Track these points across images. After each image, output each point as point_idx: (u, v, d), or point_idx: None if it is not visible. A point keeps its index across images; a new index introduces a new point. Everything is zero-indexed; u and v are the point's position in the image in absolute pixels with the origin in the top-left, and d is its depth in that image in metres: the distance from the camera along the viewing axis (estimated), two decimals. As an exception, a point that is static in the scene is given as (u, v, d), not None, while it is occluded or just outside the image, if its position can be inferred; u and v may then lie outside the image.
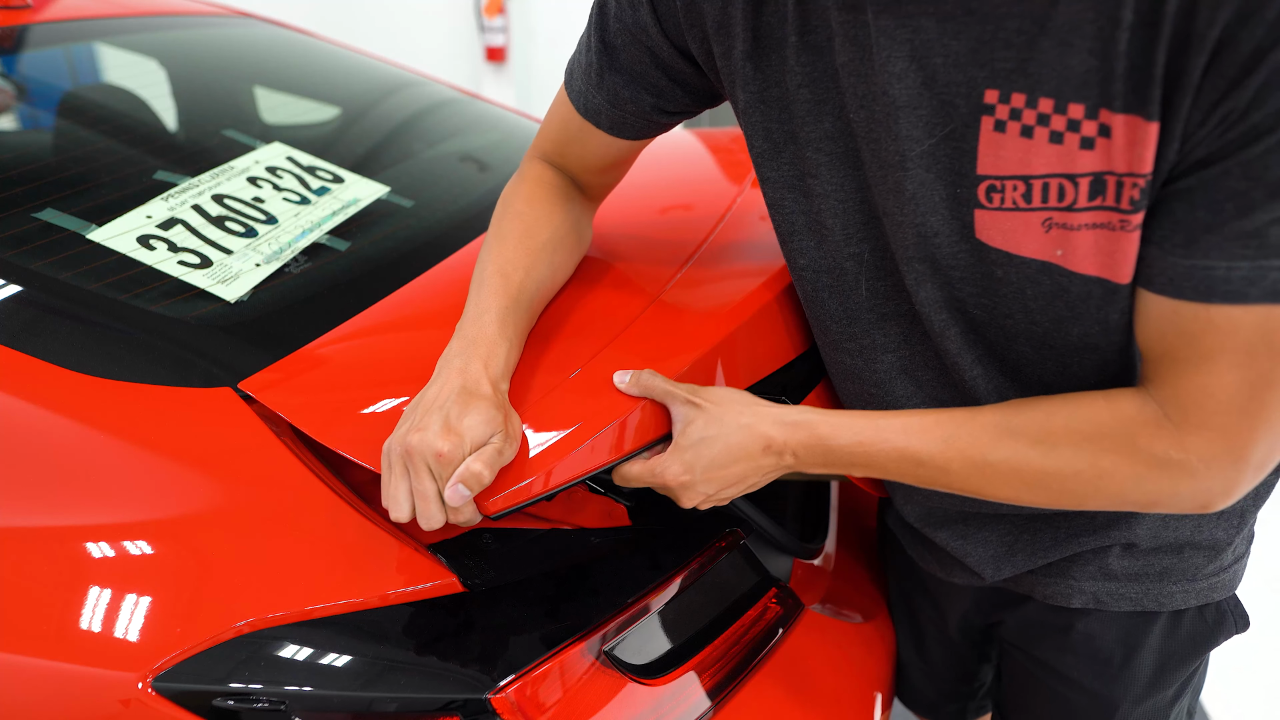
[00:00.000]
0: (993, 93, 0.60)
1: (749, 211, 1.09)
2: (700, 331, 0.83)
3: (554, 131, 0.90)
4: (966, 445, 0.68)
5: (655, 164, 1.37)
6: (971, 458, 0.68)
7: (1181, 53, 0.53)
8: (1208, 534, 0.81)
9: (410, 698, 0.67)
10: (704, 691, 0.79)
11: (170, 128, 1.33)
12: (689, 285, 0.91)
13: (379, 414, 0.76)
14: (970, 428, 0.69)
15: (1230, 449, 0.61)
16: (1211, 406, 0.60)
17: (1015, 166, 0.61)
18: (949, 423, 0.69)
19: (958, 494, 0.72)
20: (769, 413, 0.73)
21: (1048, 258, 0.64)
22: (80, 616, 0.70)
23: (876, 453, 0.70)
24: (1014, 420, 0.68)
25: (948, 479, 0.70)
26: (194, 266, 0.94)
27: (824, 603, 1.01)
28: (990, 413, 0.69)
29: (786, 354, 0.90)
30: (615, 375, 0.76)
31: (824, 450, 0.72)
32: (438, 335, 0.77)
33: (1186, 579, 0.82)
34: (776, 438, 0.72)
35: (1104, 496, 0.66)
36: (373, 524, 0.73)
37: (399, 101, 1.56)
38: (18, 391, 0.78)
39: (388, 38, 4.33)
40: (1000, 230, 0.64)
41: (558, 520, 0.83)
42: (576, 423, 0.73)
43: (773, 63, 0.72)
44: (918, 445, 0.69)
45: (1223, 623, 0.85)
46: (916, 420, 0.70)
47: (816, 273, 0.79)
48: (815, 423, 0.72)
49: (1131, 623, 0.85)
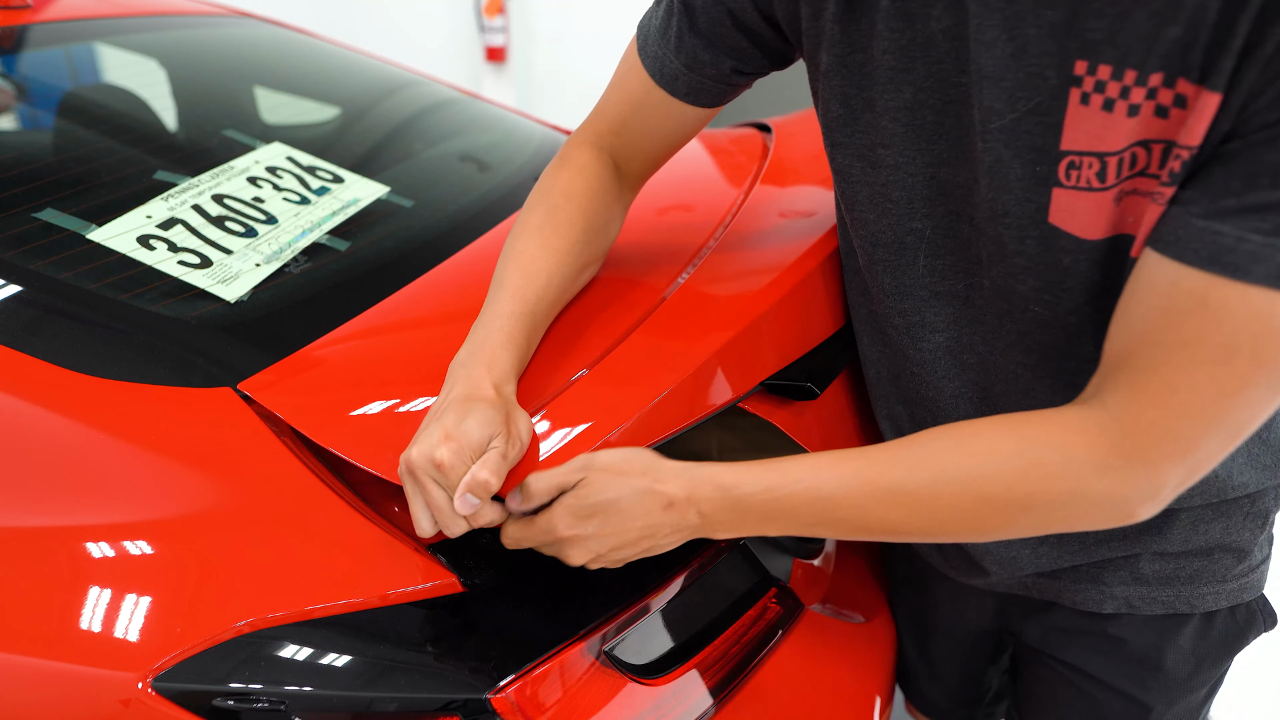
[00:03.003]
0: (1082, 64, 0.58)
1: (759, 208, 1.08)
2: (718, 322, 0.83)
3: (616, 107, 0.87)
4: (880, 476, 0.65)
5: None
6: (887, 488, 0.64)
7: (1266, 21, 0.51)
8: (1235, 536, 0.81)
9: (410, 698, 0.67)
10: (704, 691, 0.79)
11: (170, 128, 1.33)
12: (703, 279, 0.91)
13: (379, 415, 0.76)
14: (883, 457, 0.66)
15: (1175, 450, 0.58)
16: (1169, 402, 0.57)
17: (1093, 142, 0.60)
18: (859, 457, 0.66)
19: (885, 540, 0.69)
20: (669, 468, 0.69)
21: (1121, 230, 0.61)
22: (80, 616, 0.70)
23: (786, 497, 0.66)
24: (929, 446, 0.65)
25: (866, 519, 0.66)
26: (194, 266, 0.94)
27: (824, 603, 1.01)
28: (904, 441, 0.67)
29: (806, 343, 0.90)
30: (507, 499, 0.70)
31: (730, 502, 0.67)
32: (438, 336, 0.77)
33: (1217, 580, 0.82)
34: (678, 494, 0.67)
35: (1033, 516, 0.63)
36: (373, 524, 0.73)
37: (399, 101, 1.56)
38: (18, 391, 0.78)
39: (388, 38, 4.32)
40: (1073, 212, 0.62)
41: (558, 520, 0.83)
42: (590, 420, 0.73)
43: (861, 27, 0.71)
44: (829, 483, 0.66)
45: (1253, 621, 0.85)
46: (825, 458, 0.67)
47: (874, 245, 0.78)
48: (718, 474, 0.68)
49: (1164, 625, 0.84)
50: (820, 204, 1.05)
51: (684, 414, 0.76)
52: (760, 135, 1.40)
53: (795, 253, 0.92)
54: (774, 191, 1.12)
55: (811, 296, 0.91)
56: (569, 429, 0.73)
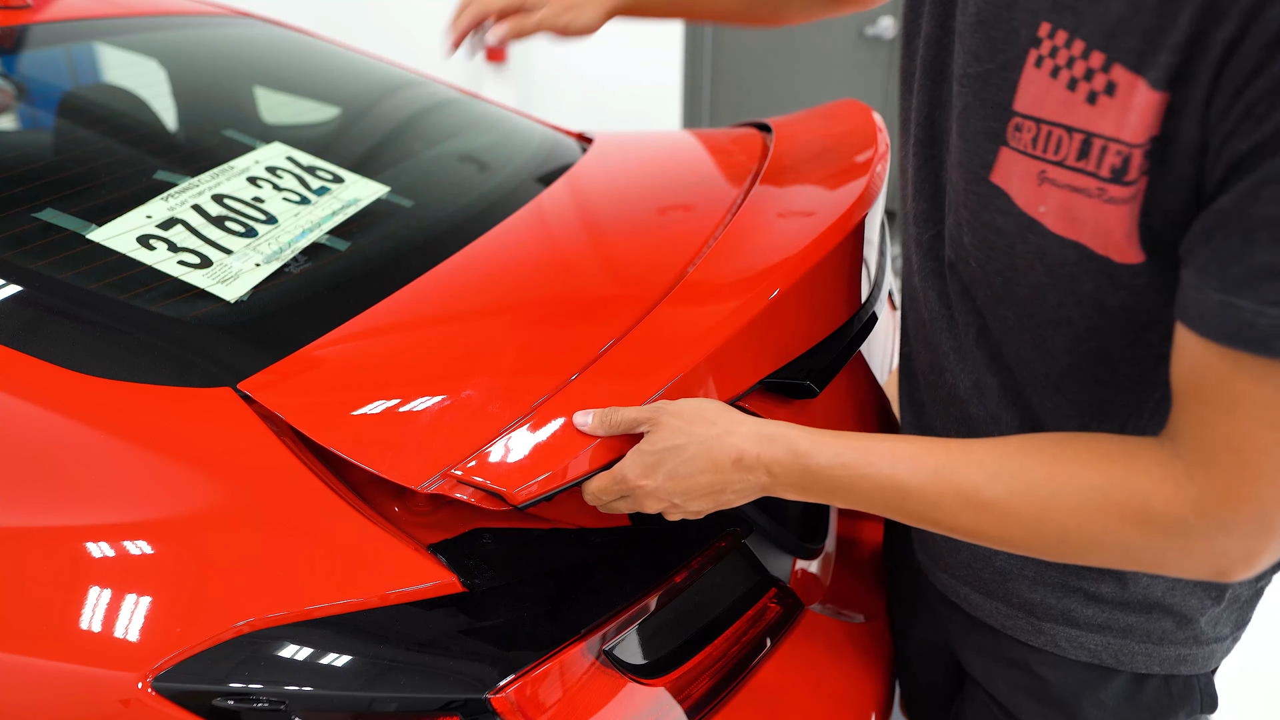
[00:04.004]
0: (1046, 25, 0.58)
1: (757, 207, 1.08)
2: (718, 319, 0.83)
3: None
4: (959, 479, 0.63)
5: (660, 163, 1.37)
6: (964, 492, 0.62)
7: (1206, 20, 0.49)
8: (1179, 600, 0.75)
9: (410, 698, 0.67)
10: (704, 691, 0.79)
11: (170, 128, 1.33)
12: (702, 277, 0.91)
13: (379, 414, 0.76)
14: (965, 459, 0.63)
15: (1255, 514, 0.54)
16: (1236, 463, 0.53)
17: (1035, 108, 0.59)
18: (941, 453, 0.64)
19: (945, 533, 0.67)
20: (743, 424, 0.68)
21: (1032, 213, 0.61)
22: (80, 616, 0.70)
23: (860, 478, 0.65)
24: (1014, 458, 0.62)
25: (935, 515, 0.64)
26: (194, 266, 0.94)
27: (824, 603, 1.01)
28: (989, 446, 0.64)
29: (806, 342, 0.90)
30: (576, 416, 0.73)
31: (801, 470, 0.66)
32: (438, 335, 0.77)
33: (1152, 642, 0.77)
34: (749, 451, 0.67)
35: (1105, 552, 0.60)
36: (373, 524, 0.73)
37: (399, 101, 1.56)
38: (18, 391, 0.78)
39: (388, 38, 4.32)
40: (1012, 174, 0.62)
41: (558, 520, 0.83)
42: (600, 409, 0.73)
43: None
44: (905, 474, 0.64)
45: (1188, 698, 0.79)
46: (906, 447, 0.66)
47: (901, 171, 0.81)
48: (794, 438, 0.67)
49: (1090, 675, 0.79)
50: (819, 204, 1.05)
51: None
52: (760, 135, 1.40)
53: (794, 251, 0.92)
54: (773, 191, 1.12)
55: (811, 295, 0.91)
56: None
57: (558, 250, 1.10)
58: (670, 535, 0.84)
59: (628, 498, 0.72)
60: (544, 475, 0.70)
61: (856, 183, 1.05)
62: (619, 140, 1.50)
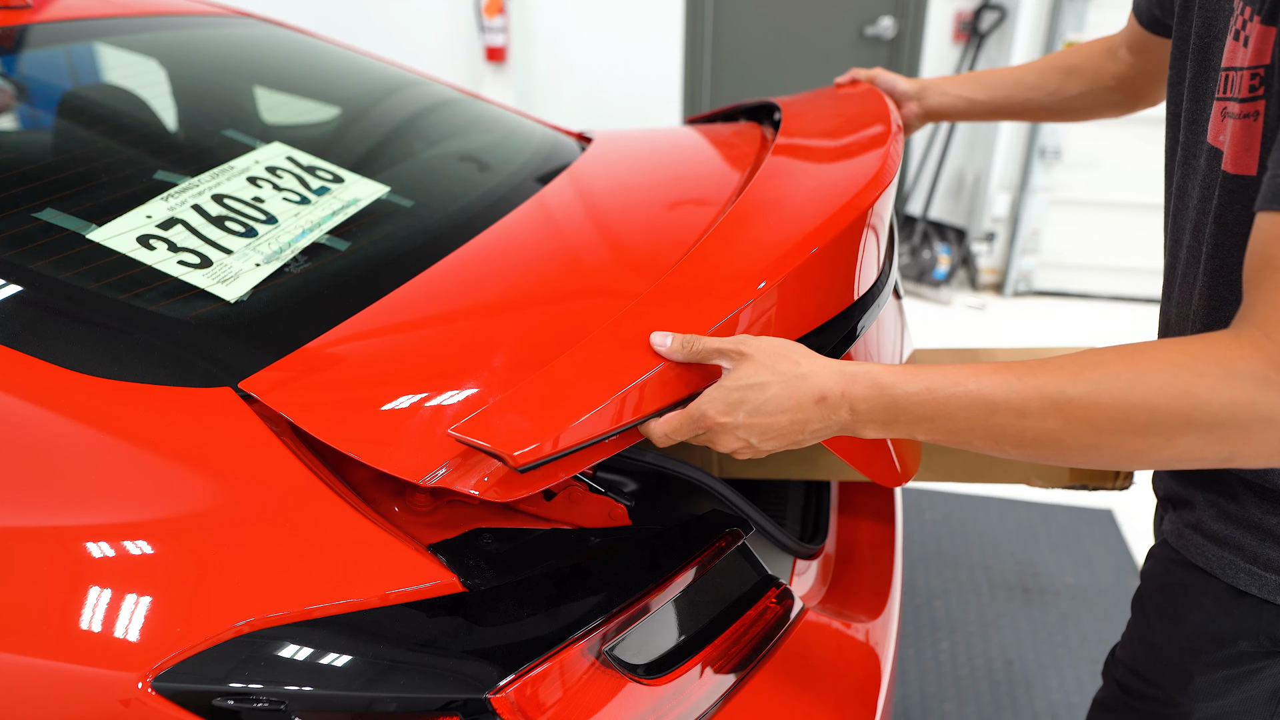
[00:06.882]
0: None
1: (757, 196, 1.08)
2: (731, 290, 0.83)
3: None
4: (1042, 382, 0.63)
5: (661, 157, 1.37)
6: (1048, 395, 0.63)
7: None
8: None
9: (410, 698, 0.67)
10: (704, 691, 0.79)
11: (170, 128, 1.33)
12: (699, 266, 0.91)
13: (379, 413, 0.76)
14: (1044, 367, 0.65)
15: None
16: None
17: (1230, 60, 0.72)
18: (1021, 367, 0.65)
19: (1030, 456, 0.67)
20: (826, 363, 0.69)
21: (1215, 143, 0.73)
22: (80, 616, 0.70)
23: (946, 399, 0.65)
24: (1091, 357, 0.64)
25: (1022, 424, 0.64)
26: (194, 266, 0.94)
27: (824, 603, 1.01)
28: (1065, 356, 0.66)
29: (802, 327, 0.90)
30: (654, 336, 0.73)
31: (887, 402, 0.67)
32: (438, 334, 0.77)
33: (1259, 567, 0.77)
34: (834, 388, 0.67)
35: (1195, 434, 0.61)
36: (373, 524, 0.73)
37: (399, 101, 1.56)
38: (18, 391, 0.78)
39: (388, 38, 4.32)
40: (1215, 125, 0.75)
41: (558, 520, 0.83)
42: (604, 376, 0.73)
43: None
44: (990, 388, 0.64)
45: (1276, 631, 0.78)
46: (985, 367, 0.66)
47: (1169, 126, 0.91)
48: (877, 372, 0.68)
49: (1196, 577, 0.82)
50: (821, 191, 1.04)
51: (694, 380, 0.76)
52: (759, 128, 1.40)
53: (793, 239, 0.91)
54: (774, 179, 1.12)
55: (809, 281, 0.90)
56: (578, 386, 0.72)
57: (557, 245, 1.10)
58: (670, 535, 0.85)
59: (702, 435, 0.71)
60: (545, 441, 0.68)
61: (868, 160, 1.04)
62: (618, 138, 1.50)
